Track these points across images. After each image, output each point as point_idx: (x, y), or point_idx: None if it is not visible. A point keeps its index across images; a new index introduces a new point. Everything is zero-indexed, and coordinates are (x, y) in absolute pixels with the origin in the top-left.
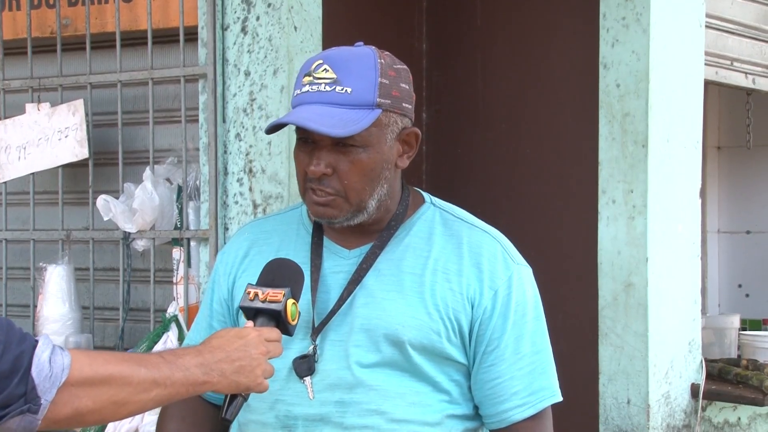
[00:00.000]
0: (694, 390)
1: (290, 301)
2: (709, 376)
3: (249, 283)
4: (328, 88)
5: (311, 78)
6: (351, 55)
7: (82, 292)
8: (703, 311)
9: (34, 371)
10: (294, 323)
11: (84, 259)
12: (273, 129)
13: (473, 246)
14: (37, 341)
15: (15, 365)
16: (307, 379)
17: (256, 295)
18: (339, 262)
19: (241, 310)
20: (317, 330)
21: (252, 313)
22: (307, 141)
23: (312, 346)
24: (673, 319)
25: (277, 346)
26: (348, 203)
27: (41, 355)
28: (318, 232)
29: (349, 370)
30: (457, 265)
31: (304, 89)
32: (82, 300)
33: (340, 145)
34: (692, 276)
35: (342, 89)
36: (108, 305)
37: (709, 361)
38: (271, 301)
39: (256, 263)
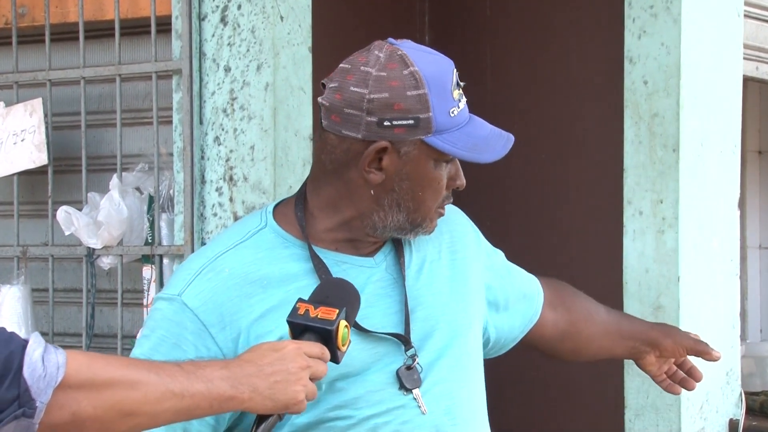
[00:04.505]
0: (733, 426)
1: (343, 323)
2: (750, 411)
3: (300, 298)
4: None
5: (459, 91)
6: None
7: (40, 316)
8: (743, 337)
9: (26, 372)
10: (344, 349)
11: (42, 279)
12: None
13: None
14: (26, 340)
15: (4, 367)
16: (416, 391)
17: (307, 310)
18: (371, 273)
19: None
20: (407, 339)
21: (299, 331)
22: (451, 161)
23: (413, 354)
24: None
25: (320, 364)
26: None
27: (33, 354)
28: (320, 250)
29: (441, 373)
30: (449, 236)
31: (462, 104)
32: (40, 325)
33: None
34: (730, 297)
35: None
36: (69, 331)
37: (749, 394)
38: (323, 319)
39: (264, 304)
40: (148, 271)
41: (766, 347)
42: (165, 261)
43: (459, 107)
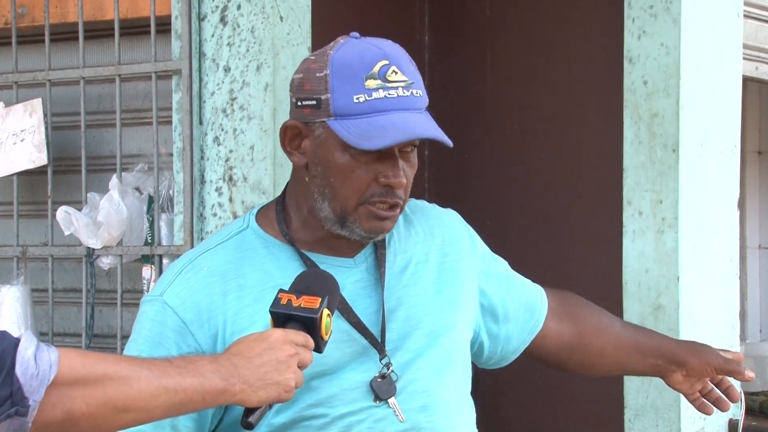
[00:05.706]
0: (732, 426)
1: (326, 312)
2: (749, 412)
3: (281, 289)
4: (405, 93)
5: (380, 81)
6: (400, 50)
7: (39, 316)
8: (742, 337)
9: (19, 370)
10: (326, 338)
11: (42, 279)
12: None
13: (428, 215)
14: (18, 339)
15: None
16: (392, 400)
17: (290, 300)
18: (349, 273)
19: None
20: (381, 346)
21: (281, 321)
22: (366, 151)
23: (387, 362)
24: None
25: (306, 352)
26: (401, 212)
27: (25, 352)
28: (297, 250)
29: (419, 371)
30: (441, 239)
31: (378, 95)
32: (40, 325)
33: (403, 152)
34: (730, 297)
35: (417, 93)
36: (69, 331)
37: (749, 394)
38: (305, 308)
39: (241, 302)
40: (147, 271)
41: (766, 347)
42: (165, 261)
43: (370, 97)
